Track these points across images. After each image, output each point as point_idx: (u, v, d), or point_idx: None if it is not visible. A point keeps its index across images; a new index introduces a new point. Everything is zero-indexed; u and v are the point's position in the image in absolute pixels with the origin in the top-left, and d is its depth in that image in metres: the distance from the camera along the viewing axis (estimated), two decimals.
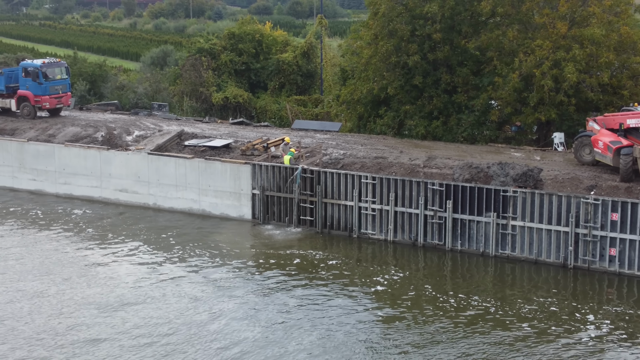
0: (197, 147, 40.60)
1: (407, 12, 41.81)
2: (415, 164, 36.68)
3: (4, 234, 35.73)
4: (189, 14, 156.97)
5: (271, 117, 52.25)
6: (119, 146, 41.35)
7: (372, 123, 44.64)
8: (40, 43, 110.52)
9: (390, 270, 31.70)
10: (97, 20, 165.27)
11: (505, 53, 40.58)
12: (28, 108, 47.13)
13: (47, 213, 39.01)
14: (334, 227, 35.79)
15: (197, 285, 29.84)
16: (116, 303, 28.01)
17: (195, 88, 53.28)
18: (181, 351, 24.41)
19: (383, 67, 42.49)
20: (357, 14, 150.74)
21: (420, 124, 42.24)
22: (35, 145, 42.63)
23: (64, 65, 48.54)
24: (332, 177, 35.46)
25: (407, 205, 34.13)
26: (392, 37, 41.83)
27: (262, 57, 55.90)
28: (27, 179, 42.96)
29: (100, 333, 25.60)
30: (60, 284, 29.72)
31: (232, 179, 37.55)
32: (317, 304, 28.18)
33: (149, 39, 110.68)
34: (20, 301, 28.17)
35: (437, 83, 42.11)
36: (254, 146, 39.58)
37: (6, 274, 30.82)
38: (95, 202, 40.77)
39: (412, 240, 34.30)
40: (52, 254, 33.12)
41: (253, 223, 37.14)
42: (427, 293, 29.40)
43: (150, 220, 38.03)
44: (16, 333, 25.59)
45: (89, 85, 55.26)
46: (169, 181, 39.11)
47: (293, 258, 32.78)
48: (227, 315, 27.08)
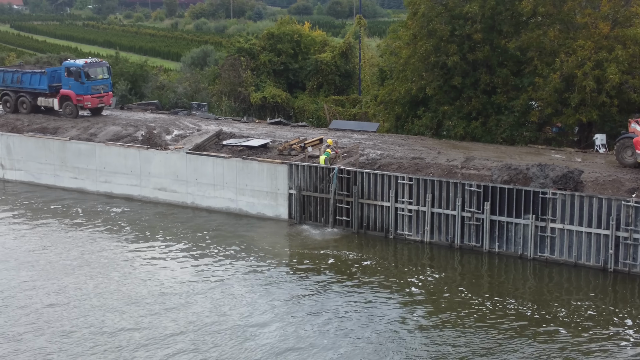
0: (235, 147, 40.85)
1: (447, 12, 41.54)
2: (453, 165, 36.40)
3: (45, 232, 36.38)
4: (229, 15, 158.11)
5: (309, 117, 52.32)
6: (159, 145, 41.80)
7: (410, 123, 44.42)
8: (83, 43, 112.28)
9: (425, 272, 31.51)
10: (140, 20, 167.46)
11: (546, 53, 40.04)
12: (70, 107, 47.90)
13: (87, 211, 39.63)
14: (370, 227, 35.70)
15: (231, 283, 30.02)
16: (152, 301, 28.31)
17: (234, 88, 53.60)
18: (214, 344, 24.57)
19: (422, 67, 42.26)
20: (397, 14, 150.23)
21: (459, 124, 41.92)
22: (77, 144, 43.32)
23: (106, 65, 49.24)
24: (369, 178, 35.37)
25: (444, 206, 33.87)
26: (431, 37, 41.58)
27: (300, 57, 56.01)
28: (69, 177, 43.67)
29: (138, 330, 25.90)
30: (97, 281, 30.15)
31: (269, 179, 37.70)
32: (350, 304, 28.14)
33: (190, 39, 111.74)
34: (60, 298, 28.65)
35: (477, 83, 41.74)
36: (291, 146, 39.68)
37: (48, 271, 31.35)
38: (134, 200, 41.29)
39: (448, 242, 34.04)
40: (91, 251, 33.63)
41: (289, 223, 37.23)
42: (463, 295, 29.15)
43: (188, 219, 38.38)
44: (54, 331, 26.02)
45: (130, 85, 55.96)
46: (207, 180, 39.43)
47: (328, 258, 32.79)
48: (260, 313, 27.19)
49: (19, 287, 29.47)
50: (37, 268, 31.49)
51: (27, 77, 48.72)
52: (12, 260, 32.35)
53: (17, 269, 31.39)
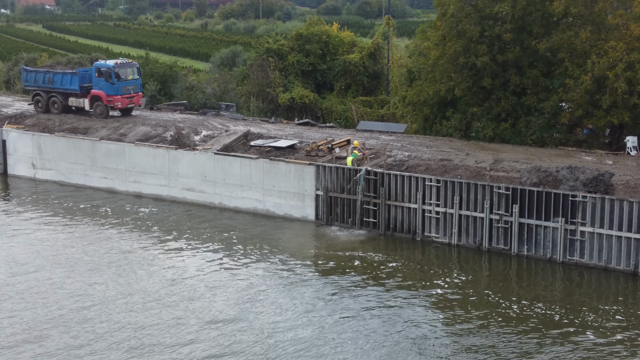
0: (263, 148, 40.95)
1: (477, 12, 41.26)
2: (482, 167, 36.13)
3: (74, 231, 36.78)
4: (258, 15, 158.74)
5: (337, 118, 52.28)
6: (187, 146, 42.06)
7: (438, 125, 44.20)
8: (114, 43, 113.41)
9: (452, 274, 31.32)
10: (170, 21, 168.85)
11: (577, 54, 39.56)
12: (101, 107, 48.37)
13: (115, 211, 40.00)
14: (397, 229, 35.56)
15: (257, 283, 30.10)
16: (177, 300, 28.47)
17: (262, 89, 53.74)
18: (238, 344, 24.65)
19: (451, 68, 42.04)
20: (427, 14, 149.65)
21: (488, 126, 41.62)
22: (107, 144, 43.74)
23: (136, 66, 49.64)
24: (396, 179, 35.24)
25: (472, 208, 33.63)
26: (460, 38, 41.34)
27: (328, 58, 55.99)
28: (99, 177, 44.11)
29: (163, 329, 26.07)
30: (124, 280, 30.39)
31: (296, 180, 37.73)
32: (375, 305, 28.06)
33: (219, 39, 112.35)
34: (87, 296, 28.95)
35: (506, 84, 41.40)
36: (318, 147, 39.68)
37: (76, 270, 31.70)
38: (163, 200, 41.58)
39: (476, 245, 33.80)
40: (118, 250, 33.94)
41: (316, 224, 37.24)
42: (489, 298, 28.91)
43: (215, 219, 38.56)
44: (80, 328, 26.29)
45: (159, 86, 56.34)
46: (235, 181, 39.58)
47: (355, 260, 32.73)
48: (285, 314, 27.22)
49: (47, 285, 29.83)
50: (65, 266, 31.84)
51: (58, 77, 49.26)
52: (41, 259, 32.76)
53: (46, 267, 31.78)
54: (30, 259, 32.74)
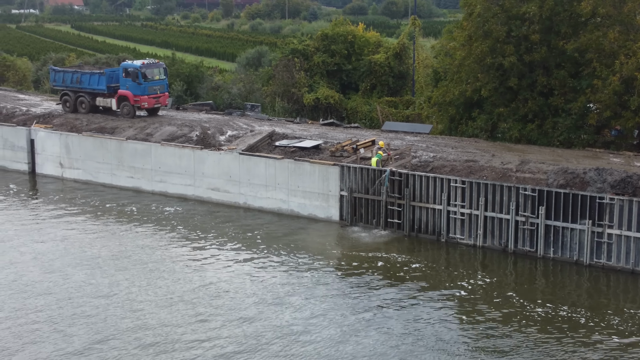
0: (287, 148, 41.01)
1: (503, 12, 40.96)
2: (507, 168, 35.86)
3: (100, 230, 37.10)
4: (284, 15, 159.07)
5: (362, 118, 52.19)
6: (212, 146, 42.25)
7: (464, 125, 43.95)
8: (141, 43, 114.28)
9: (476, 276, 31.12)
10: (197, 21, 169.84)
11: (605, 55, 39.09)
12: (128, 107, 48.74)
13: (141, 210, 40.30)
14: (421, 230, 35.42)
15: (280, 283, 30.14)
16: (200, 299, 28.62)
17: (287, 89, 53.82)
18: (261, 343, 24.70)
19: (477, 68, 41.78)
20: (453, 14, 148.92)
21: (514, 127, 41.31)
22: (133, 143, 44.07)
23: (162, 66, 49.95)
24: (421, 180, 35.10)
25: (497, 210, 33.40)
26: (487, 38, 41.08)
27: (354, 58, 55.91)
28: (125, 176, 44.47)
29: (187, 328, 26.22)
30: (149, 279, 30.61)
31: (320, 180, 37.74)
32: (397, 306, 27.99)
33: (245, 39, 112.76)
34: (112, 295, 29.21)
35: (533, 85, 41.06)
36: (343, 147, 39.64)
37: (101, 269, 32.00)
38: (188, 200, 41.81)
39: (502, 246, 33.56)
40: (143, 249, 34.18)
41: (340, 224, 37.22)
42: (514, 300, 28.69)
43: (240, 219, 38.69)
44: (104, 327, 26.53)
45: (185, 86, 56.67)
46: (259, 181, 39.69)
47: (378, 260, 32.66)
48: (307, 314, 27.24)
49: (73, 283, 30.12)
50: (91, 265, 32.12)
51: (86, 77, 49.70)
52: (67, 257, 33.08)
53: (72, 265, 32.10)
54: (56, 257, 33.10)
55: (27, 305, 28.09)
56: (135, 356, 24.33)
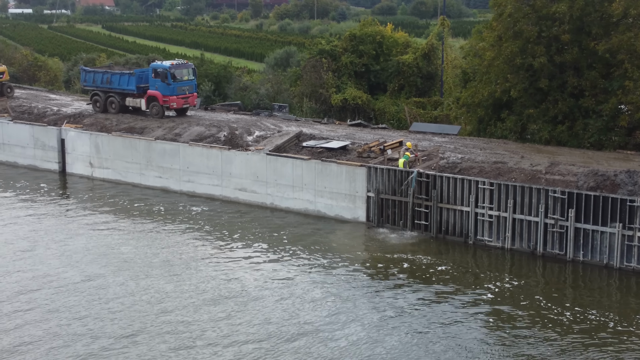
0: (315, 148, 41.00)
1: (534, 12, 40.53)
2: (537, 170, 35.50)
3: (128, 228, 37.41)
4: (313, 15, 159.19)
5: (389, 119, 51.99)
6: (240, 146, 42.39)
7: (492, 127, 43.58)
8: (171, 44, 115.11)
9: (504, 279, 30.85)
10: (226, 21, 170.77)
11: (637, 56, 38.46)
12: (157, 107, 49.09)
13: (168, 209, 40.56)
14: (449, 232, 35.19)
15: (306, 284, 30.15)
16: (227, 298, 28.71)
17: (315, 89, 53.80)
18: (285, 340, 24.72)
19: (506, 69, 41.39)
20: (483, 14, 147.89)
21: (544, 128, 40.87)
22: (162, 144, 44.37)
23: (191, 67, 50.23)
24: (448, 182, 34.87)
25: (526, 212, 33.07)
26: (517, 39, 40.68)
27: (382, 59, 55.73)
28: (154, 176, 44.79)
29: (213, 328, 26.32)
30: (175, 278, 30.79)
31: (347, 181, 37.67)
32: (422, 306, 27.86)
33: (274, 40, 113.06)
34: (138, 294, 29.42)
35: (564, 86, 40.57)
36: (370, 148, 39.53)
37: (129, 268, 32.25)
38: (216, 200, 41.99)
39: (530, 249, 33.22)
40: (170, 249, 34.38)
41: (367, 225, 37.12)
42: (542, 304, 28.38)
43: (267, 219, 38.77)
44: (131, 325, 26.74)
45: (213, 86, 56.92)
46: (286, 182, 39.73)
47: (405, 262, 32.52)
48: (332, 315, 27.19)
49: (101, 283, 30.40)
50: (118, 264, 32.40)
51: (116, 77, 50.16)
52: (95, 256, 33.40)
53: (99, 264, 32.40)
54: (84, 255, 33.43)
55: (57, 303, 28.40)
56: (161, 353, 24.47)
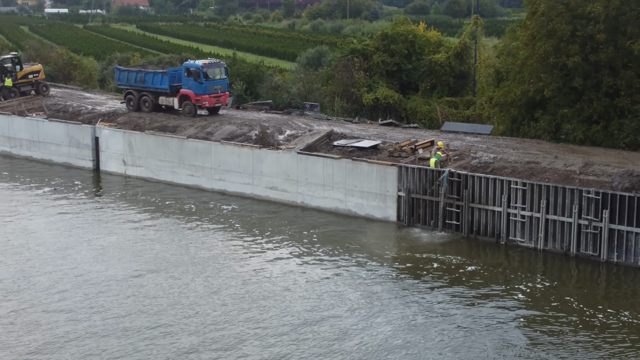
0: (345, 148, 40.95)
1: (568, 11, 40.06)
2: (571, 170, 35.07)
3: (159, 226, 37.71)
4: (345, 15, 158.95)
5: (421, 118, 51.73)
6: (271, 145, 42.51)
7: (526, 126, 43.14)
8: (204, 43, 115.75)
9: (535, 279, 30.53)
10: (258, 21, 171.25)
11: None
12: (189, 106, 49.43)
13: (199, 207, 40.82)
14: (480, 232, 34.91)
15: (335, 283, 30.13)
16: (257, 296, 28.81)
17: (347, 89, 53.74)
18: (313, 340, 24.72)
19: (540, 68, 40.97)
20: (517, 13, 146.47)
21: (578, 128, 40.36)
22: (194, 142, 44.66)
23: (223, 66, 50.50)
24: (480, 182, 34.59)
25: (559, 213, 32.67)
26: (551, 38, 40.24)
27: (414, 58, 55.48)
28: (186, 174, 45.11)
29: (242, 326, 26.44)
30: (205, 276, 30.97)
31: (378, 180, 37.56)
32: (452, 307, 27.71)
33: (306, 39, 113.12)
34: (169, 292, 29.66)
35: (598, 86, 40.03)
36: (401, 148, 39.37)
37: (159, 265, 32.52)
38: (246, 198, 42.16)
39: (563, 250, 32.82)
40: (200, 246, 34.60)
41: (397, 225, 36.98)
42: (574, 305, 28.03)
43: (297, 218, 38.82)
44: (160, 323, 26.95)
45: (245, 85, 57.12)
46: (317, 180, 39.74)
47: (435, 262, 32.34)
48: (360, 314, 27.18)
49: (132, 280, 30.71)
50: (149, 261, 32.69)
51: (149, 76, 50.60)
52: (127, 253, 33.74)
53: (131, 261, 32.72)
54: (116, 252, 33.78)
55: (91, 301, 28.75)
56: (192, 350, 24.64)
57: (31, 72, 58.62)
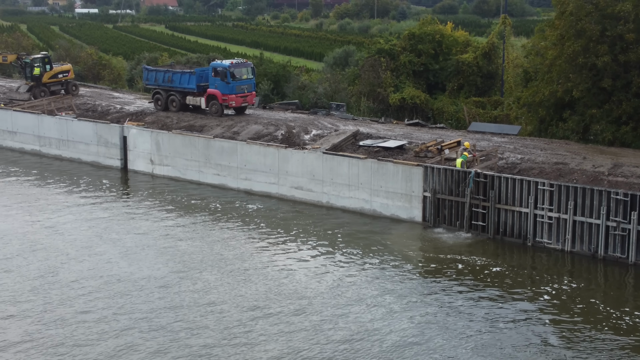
0: (371, 148, 40.88)
1: (597, 11, 39.62)
2: (599, 172, 34.66)
3: (185, 225, 37.95)
4: (373, 15, 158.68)
5: (448, 118, 51.46)
6: (297, 144, 42.58)
7: (554, 127, 42.74)
8: (232, 43, 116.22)
9: (562, 281, 30.22)
10: (286, 21, 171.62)
11: None
12: (216, 106, 49.68)
13: (225, 207, 41.00)
14: (506, 234, 34.64)
15: (359, 283, 30.08)
16: (279, 295, 28.87)
17: (373, 89, 53.64)
18: (337, 341, 24.72)
19: (569, 68, 40.57)
20: (547, 12, 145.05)
21: (608, 129, 39.90)
22: (220, 142, 44.88)
23: (250, 66, 50.68)
24: (507, 182, 34.32)
25: (587, 214, 32.32)
26: (579, 37, 39.83)
27: (441, 58, 55.21)
28: (212, 173, 45.34)
29: (264, 324, 26.52)
30: (232, 275, 31.11)
31: (403, 181, 37.44)
32: (476, 307, 27.51)
33: (333, 39, 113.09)
34: (195, 292, 29.84)
35: (628, 86, 39.51)
36: (427, 148, 39.21)
37: (185, 264, 32.73)
38: (272, 198, 42.26)
39: (591, 252, 32.46)
40: (225, 245, 34.74)
41: (423, 225, 36.83)
42: (600, 307, 27.71)
43: (322, 218, 38.83)
44: (188, 322, 27.12)
45: (272, 85, 57.27)
46: (342, 180, 39.72)
47: (461, 263, 32.16)
48: (383, 313, 27.12)
49: (157, 278, 30.93)
50: (175, 260, 32.91)
51: (177, 76, 50.94)
52: (151, 251, 34.00)
53: (157, 259, 32.96)
54: (142, 250, 34.07)
55: (117, 299, 29.04)
56: (216, 345, 24.78)
57: (61, 71, 59.36)
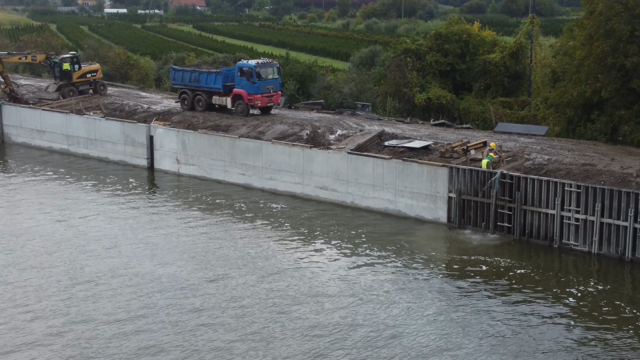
0: (396, 148, 40.74)
1: (627, 11, 39.14)
2: (627, 173, 34.19)
3: (210, 224, 38.12)
4: (400, 14, 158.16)
5: (474, 119, 51.08)
6: (322, 144, 42.55)
7: (582, 128, 42.26)
8: (259, 43, 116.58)
9: (588, 284, 29.88)
10: (313, 21, 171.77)
11: None
12: (242, 106, 49.82)
13: (249, 206, 41.11)
14: (532, 235, 34.32)
15: (382, 283, 29.99)
16: (301, 295, 28.88)
17: (399, 89, 53.42)
18: (359, 342, 24.67)
19: (597, 68, 40.09)
20: (576, 12, 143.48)
21: (637, 130, 39.41)
22: (245, 141, 45.01)
23: (276, 66, 50.75)
24: (533, 184, 34.00)
25: (614, 216, 31.91)
26: (608, 38, 39.35)
27: (468, 58, 54.83)
28: (237, 173, 45.49)
29: (285, 324, 26.54)
30: (255, 275, 31.19)
31: (428, 181, 37.25)
32: (500, 309, 27.34)
33: (360, 39, 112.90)
34: (219, 290, 29.96)
35: None
36: (453, 148, 38.96)
37: (209, 262, 32.88)
38: (297, 198, 42.29)
39: (618, 254, 32.04)
40: (248, 244, 34.83)
41: (448, 226, 36.62)
42: (626, 311, 27.36)
43: (346, 218, 38.76)
44: (210, 322, 27.24)
45: (298, 85, 57.29)
46: (367, 181, 39.62)
47: (486, 265, 31.93)
48: (406, 315, 27.03)
49: (182, 276, 31.11)
50: (198, 259, 33.07)
51: (203, 76, 51.16)
52: (177, 250, 34.20)
53: (181, 258, 33.14)
54: (168, 249, 34.28)
55: (142, 299, 29.25)
56: (237, 339, 24.87)
57: (89, 71, 59.93)
